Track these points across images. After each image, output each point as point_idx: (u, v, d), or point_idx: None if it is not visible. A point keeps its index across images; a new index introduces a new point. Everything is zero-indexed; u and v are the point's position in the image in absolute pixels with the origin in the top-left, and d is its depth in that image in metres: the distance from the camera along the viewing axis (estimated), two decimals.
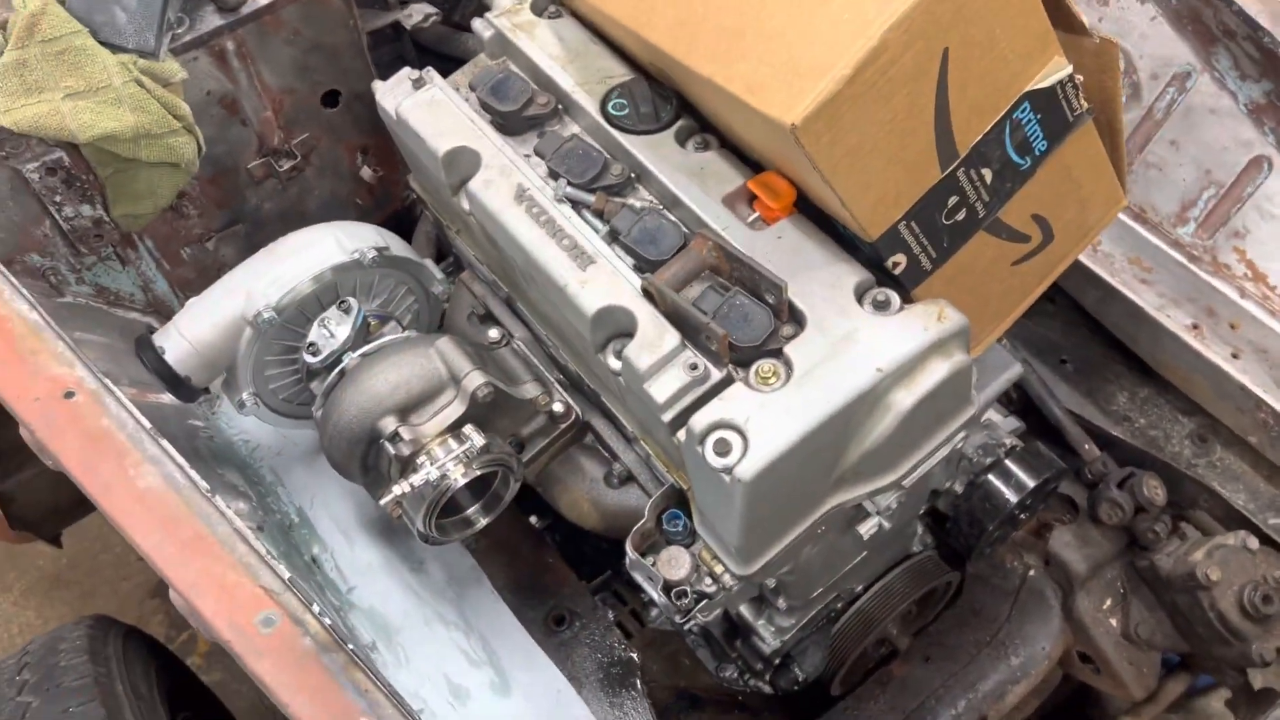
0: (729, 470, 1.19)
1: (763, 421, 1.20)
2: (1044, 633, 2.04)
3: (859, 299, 1.29)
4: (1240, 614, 1.83)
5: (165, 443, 1.28)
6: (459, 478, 1.42)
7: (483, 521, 1.57)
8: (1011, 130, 1.31)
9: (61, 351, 1.33)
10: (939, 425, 1.38)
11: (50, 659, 1.65)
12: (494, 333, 1.67)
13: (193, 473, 1.26)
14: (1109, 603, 2.02)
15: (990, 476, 1.81)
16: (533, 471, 1.68)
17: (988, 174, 1.32)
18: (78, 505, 2.06)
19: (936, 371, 1.26)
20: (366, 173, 2.06)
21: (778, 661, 1.87)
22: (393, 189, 2.13)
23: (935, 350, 1.26)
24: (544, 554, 1.90)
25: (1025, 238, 1.46)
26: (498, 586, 1.81)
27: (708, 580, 1.43)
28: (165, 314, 1.65)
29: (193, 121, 1.66)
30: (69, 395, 1.30)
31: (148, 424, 1.29)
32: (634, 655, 1.75)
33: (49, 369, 1.32)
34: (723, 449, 1.20)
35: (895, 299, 1.28)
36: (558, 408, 1.59)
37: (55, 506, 2.12)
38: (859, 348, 1.24)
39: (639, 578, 1.46)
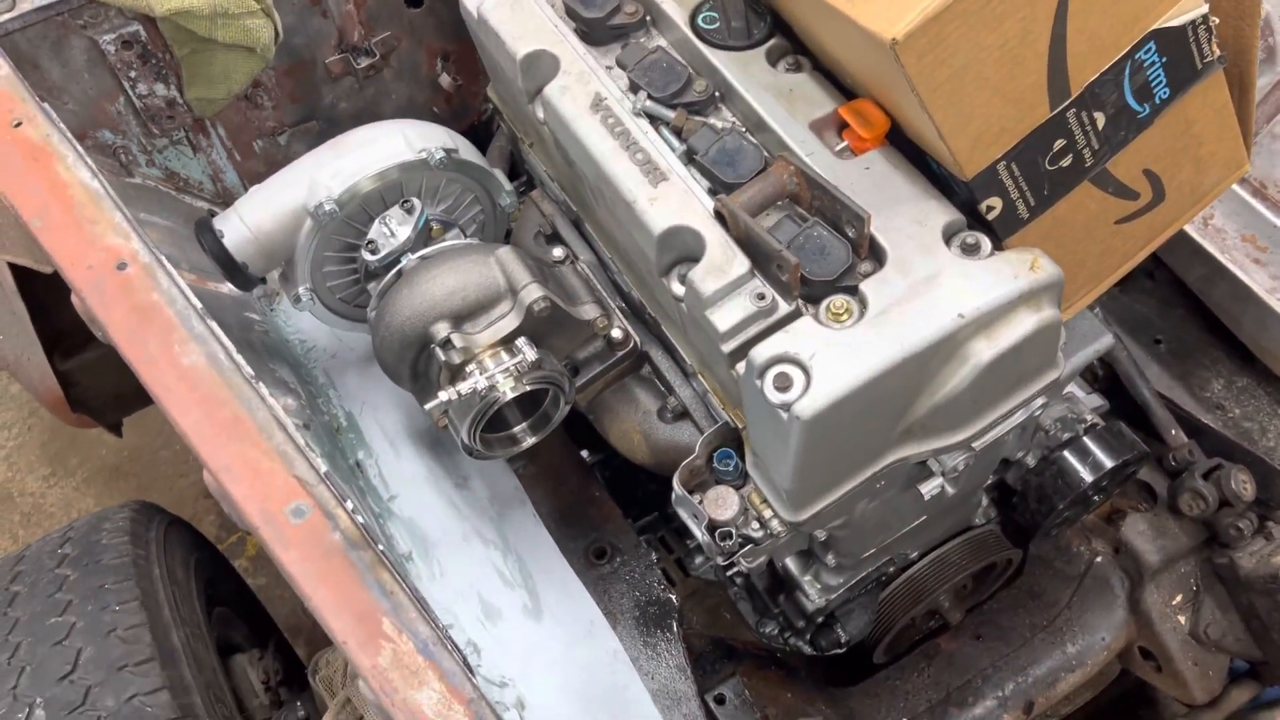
0: (787, 407, 1.12)
1: (829, 359, 1.13)
2: (1105, 623, 1.95)
3: (947, 240, 1.21)
4: None
5: (213, 323, 1.25)
6: (507, 391, 1.38)
7: (529, 440, 1.52)
8: (1132, 72, 1.20)
9: (119, 223, 1.31)
10: (1019, 385, 1.30)
11: (92, 536, 1.66)
12: (558, 251, 1.61)
13: (238, 356, 1.23)
14: (1179, 598, 1.91)
15: (1066, 453, 1.71)
16: (585, 398, 1.63)
17: (1100, 118, 1.22)
18: (139, 393, 2.07)
19: (1023, 324, 1.17)
20: (445, 80, 2.00)
21: (820, 621, 1.81)
22: (471, 100, 2.07)
23: (1024, 301, 1.17)
24: (591, 487, 1.85)
25: (1134, 194, 1.35)
26: (541, 513, 1.77)
27: (755, 524, 1.37)
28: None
29: (271, 5, 1.62)
30: (122, 266, 1.28)
31: (198, 303, 1.26)
32: (672, 596, 1.71)
33: (105, 239, 1.30)
34: (783, 384, 1.13)
35: (986, 243, 1.20)
36: (616, 334, 1.53)
37: (117, 393, 2.13)
38: (941, 291, 1.16)
39: (683, 514, 1.40)
